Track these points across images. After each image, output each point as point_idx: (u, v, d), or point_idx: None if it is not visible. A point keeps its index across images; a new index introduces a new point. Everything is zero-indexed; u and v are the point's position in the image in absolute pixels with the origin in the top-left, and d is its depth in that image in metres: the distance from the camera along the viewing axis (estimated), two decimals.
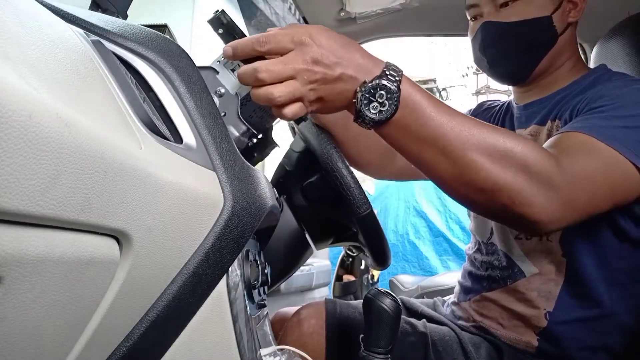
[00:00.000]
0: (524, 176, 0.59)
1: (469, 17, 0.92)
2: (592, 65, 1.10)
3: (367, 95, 0.55)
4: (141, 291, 0.36)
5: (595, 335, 0.80)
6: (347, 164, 0.79)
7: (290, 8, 1.62)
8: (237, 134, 0.60)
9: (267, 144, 0.69)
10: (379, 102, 0.55)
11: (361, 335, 0.69)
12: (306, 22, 1.48)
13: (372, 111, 0.55)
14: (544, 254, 0.83)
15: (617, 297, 0.79)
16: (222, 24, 0.61)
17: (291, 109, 0.55)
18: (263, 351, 0.58)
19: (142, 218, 0.32)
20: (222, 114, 0.60)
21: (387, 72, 0.56)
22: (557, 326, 0.81)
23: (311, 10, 1.42)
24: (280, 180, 0.92)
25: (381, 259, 0.90)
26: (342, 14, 1.40)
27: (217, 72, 0.63)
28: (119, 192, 0.29)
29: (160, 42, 0.49)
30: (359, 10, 1.35)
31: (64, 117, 0.24)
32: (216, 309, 0.46)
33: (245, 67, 0.55)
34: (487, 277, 0.93)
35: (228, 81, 0.62)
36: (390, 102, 0.55)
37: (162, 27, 0.75)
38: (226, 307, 0.47)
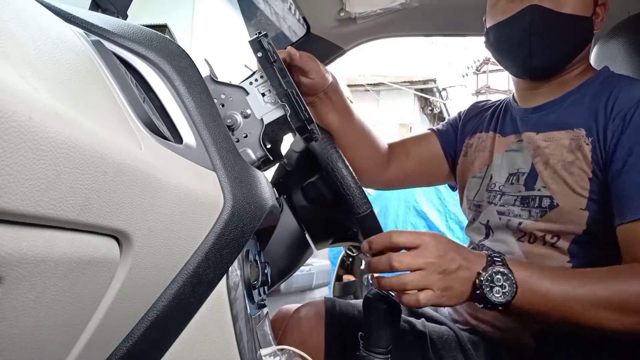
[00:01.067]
0: None
1: None
2: (592, 65, 1.10)
3: (487, 283, 0.62)
4: (141, 291, 0.36)
5: (598, 338, 0.78)
6: (347, 164, 0.79)
7: (290, 8, 1.62)
8: (254, 157, 0.60)
9: (275, 157, 0.69)
10: (499, 286, 0.62)
11: (360, 333, 0.69)
12: (306, 22, 1.48)
13: (497, 295, 0.62)
14: (546, 258, 0.83)
15: None
16: (262, 48, 0.61)
17: (425, 295, 0.63)
18: (263, 351, 0.58)
19: (142, 218, 0.32)
20: (244, 135, 0.61)
21: (492, 258, 0.64)
22: (555, 328, 0.80)
23: (311, 10, 1.41)
24: (280, 180, 0.92)
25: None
26: (342, 14, 1.40)
27: (248, 93, 0.63)
28: (118, 192, 0.29)
29: (160, 42, 0.49)
30: (359, 10, 1.35)
31: (64, 117, 0.24)
32: (216, 309, 0.46)
33: (380, 257, 0.66)
34: None
35: (256, 104, 0.63)
36: (508, 282, 0.63)
37: (162, 27, 0.75)
38: (226, 307, 0.47)
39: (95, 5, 0.67)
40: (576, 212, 0.79)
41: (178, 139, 0.44)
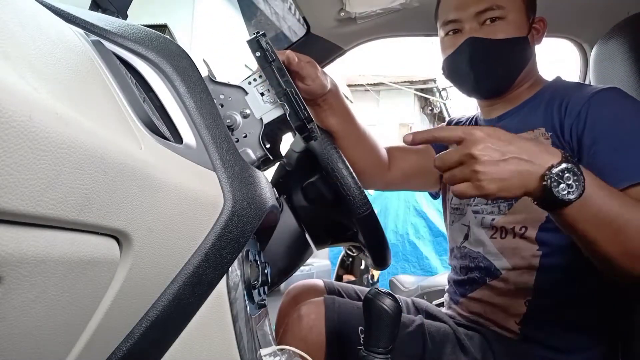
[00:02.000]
0: None
1: (443, 33, 0.96)
2: (591, 65, 1.10)
3: (556, 177, 0.61)
4: (141, 291, 0.36)
5: (575, 317, 0.85)
6: (347, 164, 0.79)
7: (290, 8, 1.61)
8: (254, 157, 0.60)
9: (274, 156, 0.69)
10: (567, 184, 0.61)
11: (360, 328, 0.69)
12: (306, 22, 1.48)
13: (562, 192, 0.61)
14: (518, 250, 0.89)
15: (593, 280, 0.83)
16: (261, 48, 0.61)
17: (459, 187, 0.63)
18: (263, 351, 0.58)
19: (142, 218, 0.32)
20: (244, 135, 0.61)
21: (567, 157, 0.63)
22: (536, 312, 0.87)
23: (311, 10, 1.41)
24: (280, 180, 0.92)
25: (381, 259, 0.91)
26: (342, 14, 1.40)
27: (247, 93, 0.63)
28: (118, 192, 0.29)
29: (160, 42, 0.49)
30: (359, 10, 1.35)
31: (64, 117, 0.24)
32: (216, 309, 0.46)
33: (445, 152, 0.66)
34: (468, 280, 0.99)
35: (255, 104, 0.63)
36: (577, 183, 0.62)
37: (162, 27, 0.75)
38: (226, 307, 0.47)
39: (95, 5, 0.67)
40: None
41: (178, 139, 0.44)
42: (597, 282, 0.82)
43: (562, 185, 0.61)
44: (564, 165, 0.61)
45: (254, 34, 0.63)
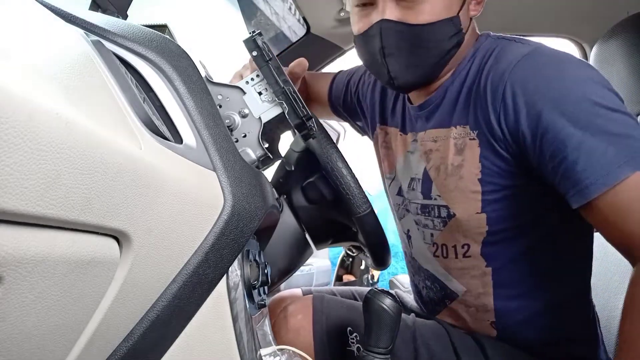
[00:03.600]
0: None
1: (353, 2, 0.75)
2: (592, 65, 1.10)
3: None
4: (141, 291, 0.36)
5: (545, 329, 0.79)
6: (347, 163, 0.79)
7: (290, 8, 1.62)
8: (253, 156, 0.60)
9: (274, 155, 0.69)
10: None
11: (349, 328, 0.67)
12: (306, 22, 1.48)
13: None
14: (467, 270, 0.80)
15: (554, 287, 0.77)
16: (257, 47, 0.61)
17: None
18: (263, 351, 0.58)
19: (142, 218, 0.32)
20: (243, 135, 0.61)
21: None
22: (507, 331, 0.81)
23: (311, 10, 1.42)
24: (280, 180, 0.92)
25: (381, 259, 0.91)
26: (342, 14, 1.40)
27: (244, 93, 0.63)
28: (119, 192, 0.29)
29: (160, 42, 0.49)
30: None
31: (64, 117, 0.24)
32: (216, 309, 0.46)
33: None
34: (430, 302, 0.92)
35: (253, 104, 0.63)
36: None
37: (162, 27, 0.75)
38: (226, 307, 0.47)
39: (95, 5, 0.67)
40: (474, 217, 0.75)
41: (178, 139, 0.44)
42: (567, 283, 0.78)
43: None
44: None
45: (250, 33, 0.63)
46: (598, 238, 0.72)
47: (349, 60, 1.61)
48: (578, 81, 0.63)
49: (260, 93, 0.63)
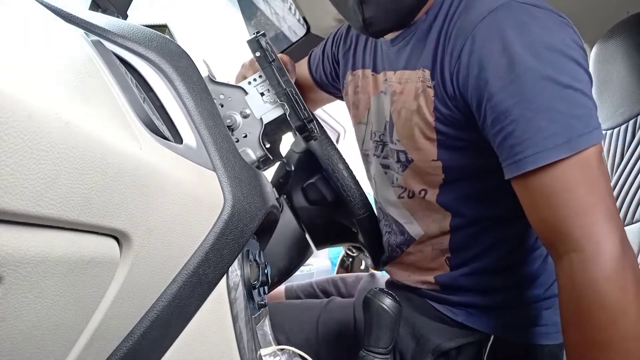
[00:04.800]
0: None
1: None
2: (591, 65, 1.10)
3: None
4: (141, 291, 0.36)
5: (497, 260, 0.78)
6: (348, 165, 0.79)
7: (290, 8, 1.62)
8: (254, 157, 0.60)
9: (274, 156, 0.69)
10: None
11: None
12: (306, 22, 1.48)
13: None
14: (428, 215, 0.79)
15: (508, 229, 0.76)
16: (261, 48, 0.61)
17: None
18: (263, 351, 0.58)
19: (142, 218, 0.32)
20: (244, 135, 0.61)
21: None
22: (460, 266, 0.80)
23: (311, 10, 1.42)
24: (281, 180, 0.92)
25: (381, 259, 0.91)
26: None
27: (247, 93, 0.63)
28: (118, 192, 0.29)
29: (160, 42, 0.49)
30: None
31: (63, 117, 0.24)
32: (216, 309, 0.46)
33: None
34: (390, 247, 0.91)
35: (255, 104, 0.63)
36: None
37: (162, 27, 0.75)
38: (226, 307, 0.47)
39: (95, 5, 0.67)
40: (430, 164, 0.74)
41: (178, 139, 0.44)
42: (518, 227, 0.75)
43: None
44: None
45: (254, 34, 0.63)
46: None
47: None
48: (534, 48, 0.58)
49: (262, 94, 0.63)
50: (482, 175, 0.73)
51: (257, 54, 0.62)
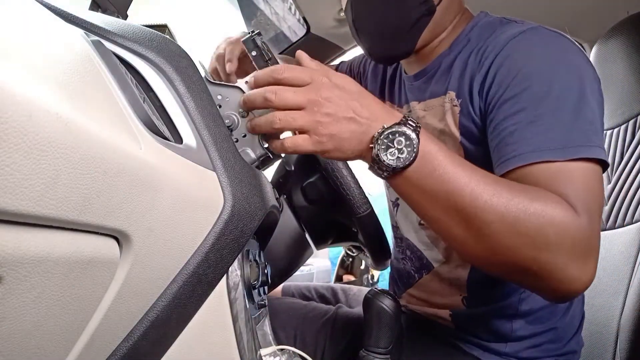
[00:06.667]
0: (552, 250, 0.52)
1: None
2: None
3: (386, 141, 0.53)
4: (141, 291, 0.36)
5: (515, 302, 0.77)
6: (348, 163, 0.79)
7: (290, 8, 1.62)
8: (253, 156, 0.60)
9: (274, 155, 0.69)
10: (398, 149, 0.53)
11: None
12: (306, 22, 1.48)
13: (390, 157, 0.53)
14: None
15: None
16: (257, 46, 0.61)
17: (293, 140, 0.54)
18: (263, 351, 0.58)
19: (142, 218, 0.32)
20: (243, 135, 0.61)
21: (407, 121, 0.54)
22: (476, 301, 0.80)
23: (311, 11, 1.42)
24: (280, 180, 0.92)
25: (381, 259, 0.91)
26: (341, 14, 1.40)
27: (244, 93, 0.63)
28: (118, 192, 0.29)
29: (160, 42, 0.49)
30: None
31: (64, 117, 0.24)
32: (216, 309, 0.46)
33: (255, 90, 0.54)
34: (405, 273, 0.93)
35: None
36: (409, 149, 0.53)
37: (162, 27, 0.75)
38: (226, 307, 0.47)
39: (95, 5, 0.67)
40: None
41: (178, 139, 0.44)
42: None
43: (391, 150, 0.52)
44: (396, 128, 0.52)
45: (249, 33, 0.63)
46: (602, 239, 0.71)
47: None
48: (555, 64, 0.63)
49: None
50: None
51: (253, 53, 0.62)
